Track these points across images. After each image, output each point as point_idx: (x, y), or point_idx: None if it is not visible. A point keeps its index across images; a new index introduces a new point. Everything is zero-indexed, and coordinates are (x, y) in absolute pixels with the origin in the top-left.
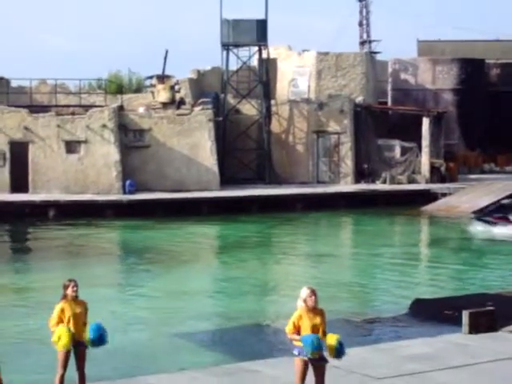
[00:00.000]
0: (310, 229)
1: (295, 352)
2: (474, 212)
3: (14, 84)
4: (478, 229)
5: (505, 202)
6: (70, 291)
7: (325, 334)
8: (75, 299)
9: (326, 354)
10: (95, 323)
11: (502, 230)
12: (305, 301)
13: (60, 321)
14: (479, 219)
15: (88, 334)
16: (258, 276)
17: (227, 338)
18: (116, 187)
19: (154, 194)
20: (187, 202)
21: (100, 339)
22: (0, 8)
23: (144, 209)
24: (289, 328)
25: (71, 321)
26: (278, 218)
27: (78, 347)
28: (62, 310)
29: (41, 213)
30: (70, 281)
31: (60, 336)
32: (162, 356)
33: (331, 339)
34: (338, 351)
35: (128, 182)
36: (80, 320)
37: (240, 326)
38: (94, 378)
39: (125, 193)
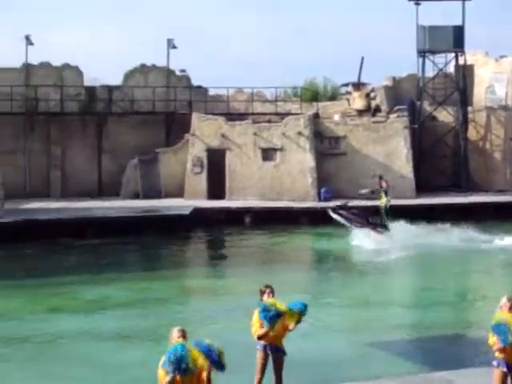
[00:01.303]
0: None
1: (494, 363)
2: None
3: (211, 92)
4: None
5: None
6: (265, 297)
7: None
8: None
9: None
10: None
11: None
12: (500, 308)
13: (261, 326)
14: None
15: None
16: (454, 285)
17: (422, 348)
18: (311, 194)
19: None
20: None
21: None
22: (198, 18)
23: None
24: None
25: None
26: (479, 226)
27: (276, 353)
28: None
29: (237, 219)
30: (267, 286)
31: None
32: (355, 364)
33: None
34: None
35: (323, 189)
36: (279, 325)
37: (435, 336)
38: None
39: (320, 200)
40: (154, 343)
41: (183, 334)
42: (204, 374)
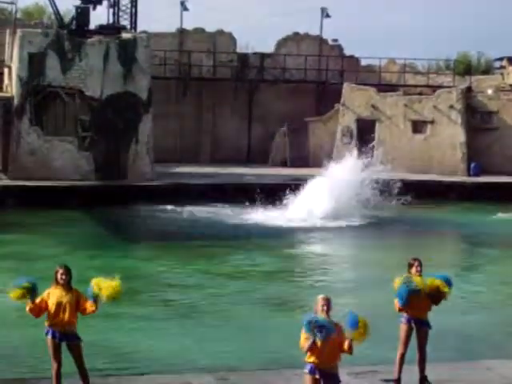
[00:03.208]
0: None
1: None
2: None
3: (363, 63)
4: None
5: None
6: (414, 270)
7: None
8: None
9: None
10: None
11: None
12: None
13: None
14: None
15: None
16: None
17: None
18: (461, 169)
19: (499, 177)
20: None
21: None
22: None
23: (488, 192)
24: None
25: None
26: None
27: (420, 326)
28: None
29: (384, 190)
30: (415, 259)
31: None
32: (501, 341)
33: None
34: None
35: (473, 164)
36: (422, 299)
37: None
38: (432, 358)
39: (469, 175)
40: (298, 310)
41: (328, 303)
42: (346, 342)
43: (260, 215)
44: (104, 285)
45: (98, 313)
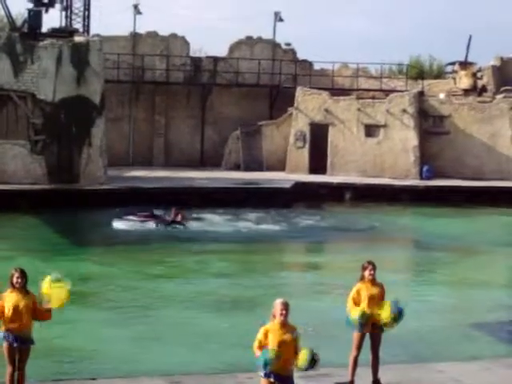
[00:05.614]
0: None
1: None
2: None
3: (316, 67)
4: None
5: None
6: (367, 273)
7: None
8: (372, 281)
9: None
10: (394, 301)
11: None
12: None
13: (355, 302)
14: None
15: (390, 312)
16: None
17: None
18: (413, 172)
19: (451, 181)
20: (485, 190)
21: (400, 315)
22: None
23: (440, 195)
24: None
25: (366, 302)
26: None
27: (374, 330)
28: (358, 291)
29: (337, 195)
30: (369, 263)
31: (360, 315)
32: (453, 344)
33: None
34: None
35: (425, 168)
36: (374, 302)
37: None
38: (385, 361)
39: (422, 178)
40: (251, 312)
41: (286, 307)
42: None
43: (215, 219)
44: (54, 295)
45: None
